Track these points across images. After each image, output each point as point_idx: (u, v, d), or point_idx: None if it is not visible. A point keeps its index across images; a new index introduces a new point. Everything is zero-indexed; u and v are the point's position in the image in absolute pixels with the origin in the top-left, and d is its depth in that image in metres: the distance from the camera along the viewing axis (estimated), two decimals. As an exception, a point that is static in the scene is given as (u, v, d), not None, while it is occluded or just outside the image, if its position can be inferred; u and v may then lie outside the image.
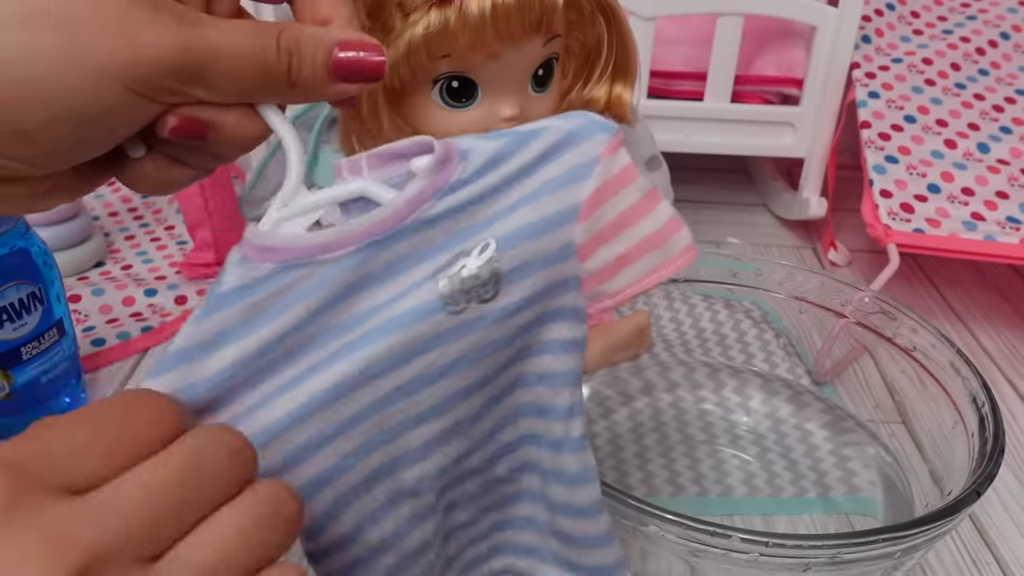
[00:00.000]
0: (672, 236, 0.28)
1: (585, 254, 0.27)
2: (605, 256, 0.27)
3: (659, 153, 0.64)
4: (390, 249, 0.25)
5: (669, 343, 0.55)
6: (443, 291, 0.26)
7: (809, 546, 0.30)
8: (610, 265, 0.27)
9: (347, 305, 0.25)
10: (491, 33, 0.44)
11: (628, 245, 0.27)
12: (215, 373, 0.24)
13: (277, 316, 0.24)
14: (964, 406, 0.39)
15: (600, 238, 0.27)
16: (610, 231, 0.27)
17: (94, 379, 0.54)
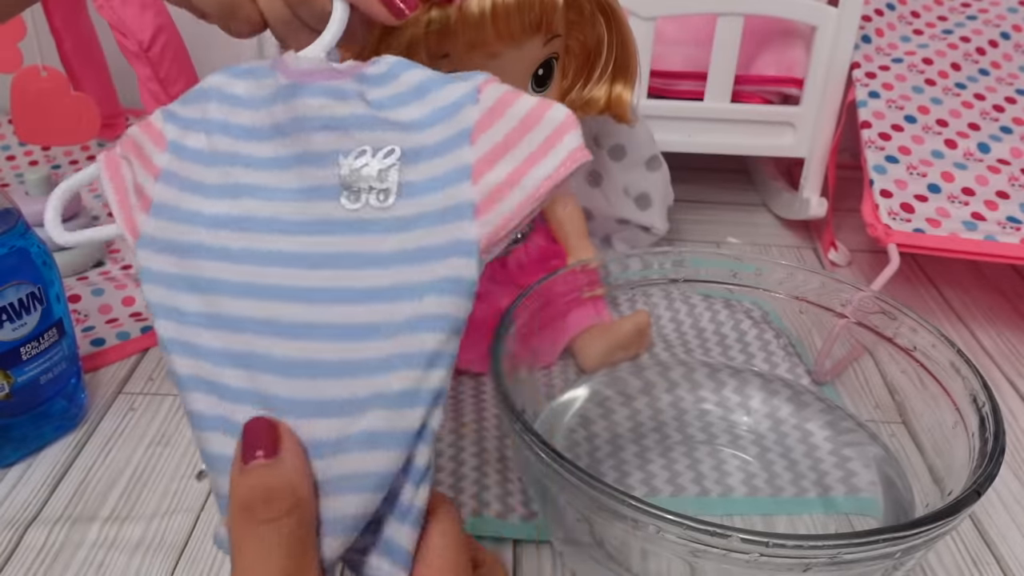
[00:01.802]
0: (562, 138, 0.27)
1: (478, 175, 0.27)
2: (497, 175, 0.27)
3: (659, 153, 0.65)
4: (299, 98, 0.28)
5: (669, 343, 0.55)
6: (344, 177, 0.28)
7: (809, 546, 0.30)
8: (503, 182, 0.27)
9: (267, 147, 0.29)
10: (491, 32, 0.44)
11: (519, 161, 0.27)
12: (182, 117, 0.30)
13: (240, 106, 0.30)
14: (964, 406, 0.39)
15: (491, 157, 0.27)
16: (500, 149, 0.27)
17: (94, 379, 0.54)
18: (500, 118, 0.28)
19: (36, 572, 0.41)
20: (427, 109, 0.28)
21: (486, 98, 0.28)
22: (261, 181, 0.29)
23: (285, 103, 0.29)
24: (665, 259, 0.51)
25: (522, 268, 0.56)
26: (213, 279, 0.28)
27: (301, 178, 0.28)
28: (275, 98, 0.29)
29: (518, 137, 0.27)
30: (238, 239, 0.28)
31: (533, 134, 0.27)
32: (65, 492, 0.45)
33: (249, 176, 0.29)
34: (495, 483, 0.45)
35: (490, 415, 0.51)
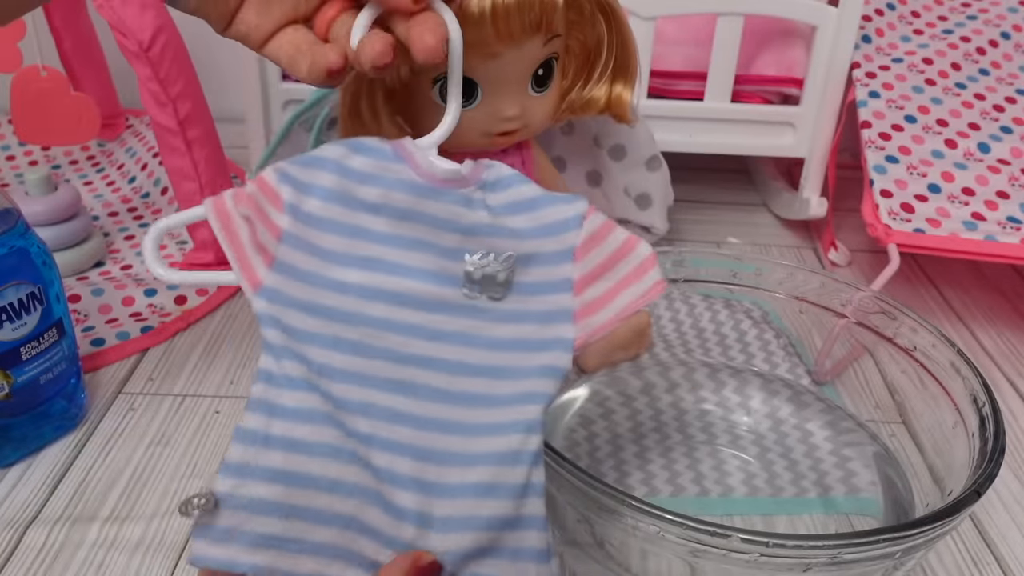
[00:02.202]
0: (647, 272, 0.34)
1: (579, 289, 0.34)
2: (594, 292, 0.34)
3: (659, 153, 0.64)
4: (433, 199, 0.33)
5: (669, 343, 0.55)
6: (467, 271, 0.33)
7: (809, 546, 0.30)
8: (598, 299, 0.34)
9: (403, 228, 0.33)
10: (491, 32, 0.44)
11: (612, 283, 0.34)
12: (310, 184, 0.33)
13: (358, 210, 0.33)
14: (964, 406, 0.39)
15: (591, 277, 0.34)
16: (598, 271, 0.34)
17: (94, 379, 0.54)
18: (599, 245, 0.34)
19: (36, 572, 0.41)
20: (537, 222, 0.33)
21: (589, 225, 0.34)
22: (387, 256, 0.33)
23: (417, 197, 0.33)
24: (665, 259, 0.51)
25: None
26: (336, 337, 0.32)
27: (428, 263, 0.33)
28: (404, 187, 0.33)
29: (612, 264, 0.34)
30: (364, 306, 0.32)
31: (624, 263, 0.34)
32: (65, 492, 0.45)
33: (374, 250, 0.33)
34: (495, 483, 0.45)
35: (490, 415, 0.51)
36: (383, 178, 0.33)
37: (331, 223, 0.33)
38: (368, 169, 0.33)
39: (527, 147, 0.55)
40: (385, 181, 0.33)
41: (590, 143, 0.64)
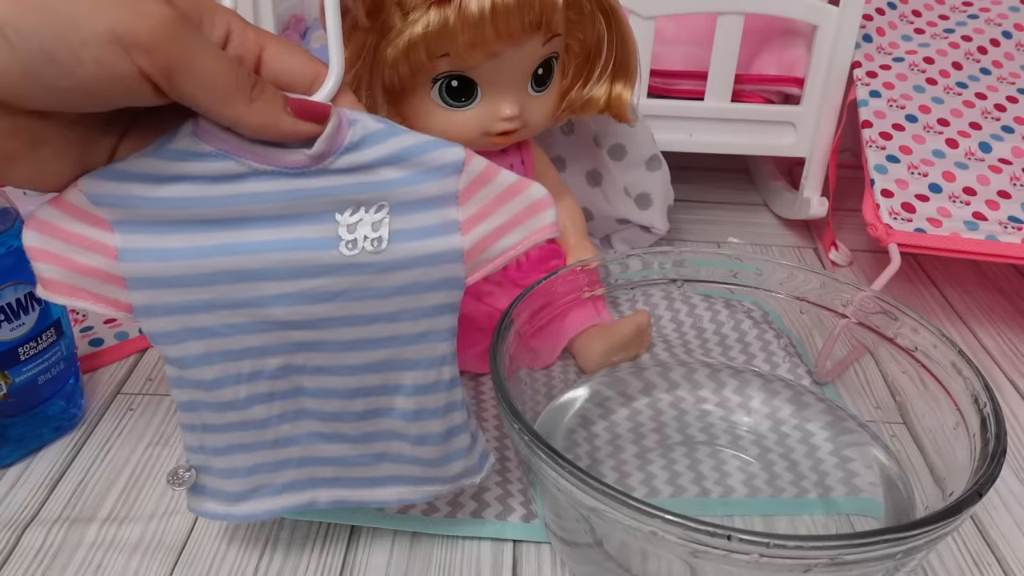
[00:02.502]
0: (540, 212, 0.35)
1: (467, 229, 0.34)
2: (483, 230, 0.34)
3: (659, 153, 0.64)
4: (296, 182, 0.33)
5: (669, 343, 0.55)
6: (340, 232, 0.33)
7: (810, 547, 0.29)
8: (488, 236, 0.34)
9: (252, 209, 0.33)
10: (491, 32, 0.44)
11: (502, 220, 0.35)
12: (127, 196, 0.32)
13: (192, 183, 0.32)
14: (966, 406, 0.39)
15: (478, 217, 0.34)
16: (486, 210, 0.34)
17: (92, 379, 0.54)
18: (485, 186, 0.34)
19: (34, 573, 0.40)
20: (415, 170, 0.33)
21: (472, 168, 0.34)
22: (251, 238, 0.33)
23: (270, 181, 0.33)
24: (665, 259, 0.51)
25: (522, 268, 0.56)
26: (225, 324, 0.34)
27: (299, 232, 0.33)
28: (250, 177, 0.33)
29: (501, 203, 0.34)
30: (241, 289, 0.34)
31: (515, 202, 0.35)
32: (63, 492, 0.45)
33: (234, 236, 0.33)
34: (495, 483, 0.45)
35: (490, 415, 0.51)
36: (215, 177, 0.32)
37: (170, 225, 0.33)
38: (195, 171, 0.32)
39: (527, 147, 0.55)
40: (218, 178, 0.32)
41: (590, 143, 0.63)
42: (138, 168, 0.32)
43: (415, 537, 0.43)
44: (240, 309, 0.34)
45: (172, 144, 0.32)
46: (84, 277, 0.33)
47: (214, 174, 0.32)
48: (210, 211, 0.33)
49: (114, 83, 0.27)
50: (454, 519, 0.43)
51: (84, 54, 0.26)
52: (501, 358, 0.40)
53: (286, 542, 0.42)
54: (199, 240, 0.33)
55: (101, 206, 0.32)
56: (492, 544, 0.43)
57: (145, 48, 0.27)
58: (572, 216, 0.58)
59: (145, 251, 0.33)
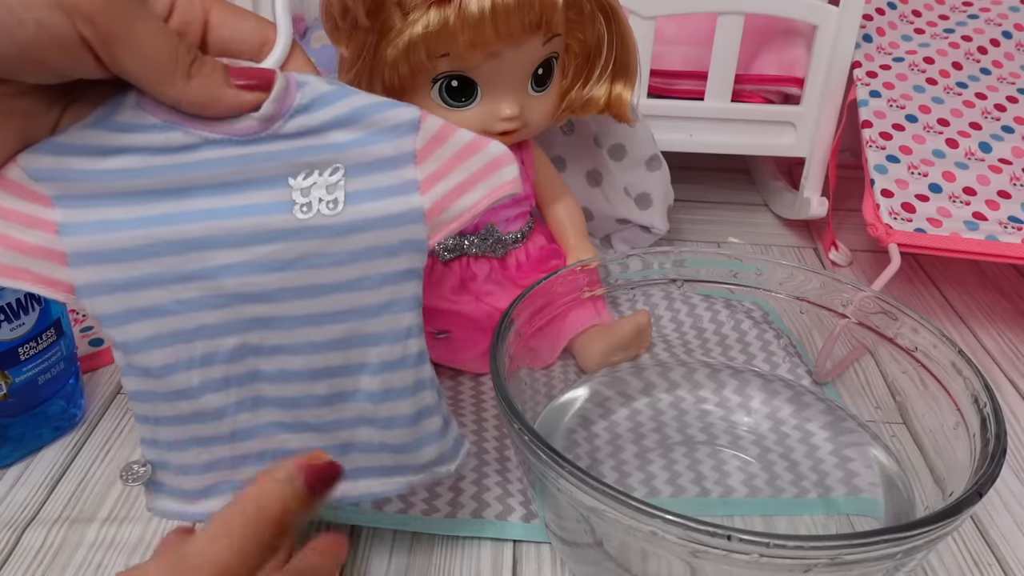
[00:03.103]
0: (500, 168, 0.33)
1: (426, 188, 0.33)
2: (443, 188, 0.33)
3: (659, 152, 0.64)
4: (246, 148, 0.31)
5: (669, 343, 0.55)
6: (294, 196, 0.32)
7: (810, 547, 0.29)
8: (448, 194, 0.33)
9: (200, 177, 0.31)
10: (491, 32, 0.44)
11: (461, 178, 0.33)
12: (68, 170, 0.30)
13: (137, 155, 0.31)
14: (966, 406, 0.39)
15: (437, 175, 0.33)
16: (445, 168, 0.33)
17: (92, 379, 0.54)
18: (442, 145, 0.33)
19: (34, 573, 0.40)
20: (368, 130, 0.32)
21: (427, 127, 0.33)
22: (198, 206, 0.32)
23: (219, 150, 0.31)
24: (665, 259, 0.51)
25: (522, 268, 0.56)
26: (177, 300, 0.32)
27: (250, 199, 0.32)
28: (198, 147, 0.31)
29: (460, 161, 0.33)
30: (190, 260, 0.32)
31: (474, 159, 0.33)
32: (63, 493, 0.45)
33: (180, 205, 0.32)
34: (495, 483, 0.45)
35: (490, 415, 0.51)
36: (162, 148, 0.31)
37: (114, 197, 0.31)
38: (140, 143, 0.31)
39: (527, 147, 0.55)
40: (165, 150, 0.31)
41: (590, 143, 0.63)
42: (79, 141, 0.30)
43: (415, 537, 0.43)
44: (189, 282, 0.32)
45: (115, 116, 0.31)
46: (23, 256, 0.31)
47: (160, 145, 0.31)
48: (154, 181, 0.31)
49: (55, 47, 0.26)
50: (454, 519, 0.43)
51: (25, 15, 0.26)
52: (501, 358, 0.40)
53: (286, 542, 0.42)
54: (143, 211, 0.31)
55: (40, 181, 0.31)
56: (492, 544, 0.43)
57: (86, 15, 0.26)
58: (572, 216, 0.58)
59: (86, 224, 0.31)
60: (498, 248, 0.55)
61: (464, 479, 0.45)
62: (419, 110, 0.33)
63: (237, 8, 0.31)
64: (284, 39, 0.32)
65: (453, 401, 0.52)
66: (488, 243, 0.54)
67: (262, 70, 0.31)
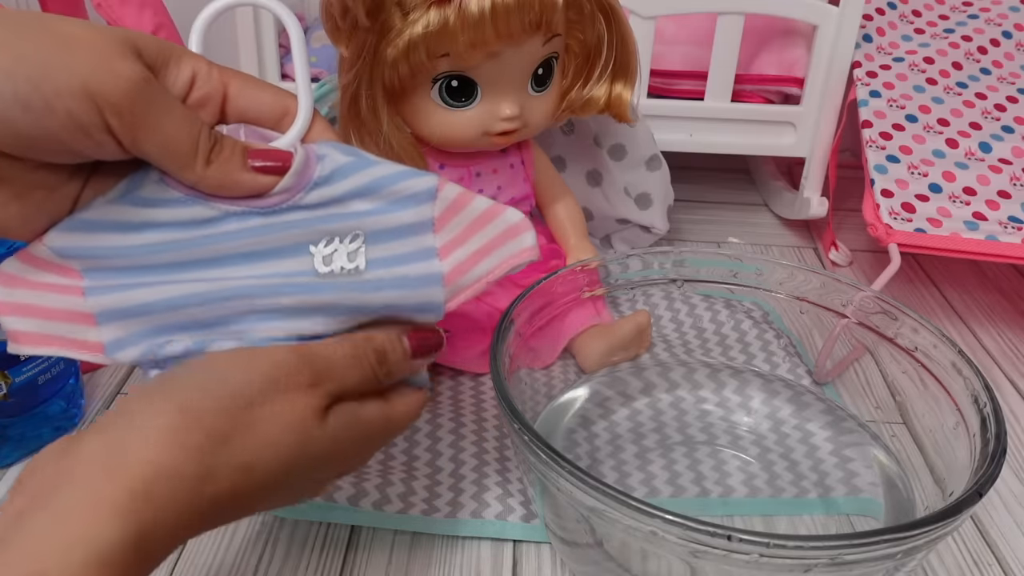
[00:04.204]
0: (518, 235, 0.34)
1: (445, 254, 0.34)
2: (461, 255, 0.34)
3: (659, 153, 0.64)
4: (268, 219, 0.32)
5: (669, 343, 0.55)
6: (316, 264, 0.33)
7: (810, 547, 0.29)
8: (466, 261, 0.34)
9: (224, 248, 0.32)
10: (491, 32, 0.44)
11: (479, 245, 0.34)
12: (95, 247, 0.31)
13: (163, 231, 0.32)
14: (966, 406, 0.39)
15: (456, 242, 0.34)
16: (463, 236, 0.34)
17: (92, 380, 0.54)
18: (459, 213, 0.34)
19: (34, 573, 0.40)
20: (386, 200, 0.33)
21: (445, 195, 0.33)
22: (223, 275, 0.32)
23: (242, 221, 0.32)
24: (665, 259, 0.51)
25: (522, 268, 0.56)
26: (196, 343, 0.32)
27: (274, 268, 0.32)
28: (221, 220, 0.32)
29: (478, 228, 0.34)
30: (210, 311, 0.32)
31: (492, 226, 0.34)
32: (63, 492, 0.45)
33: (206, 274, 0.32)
34: (495, 483, 0.45)
35: (490, 415, 0.51)
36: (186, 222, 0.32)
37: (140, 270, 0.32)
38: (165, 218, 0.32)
39: (527, 147, 0.55)
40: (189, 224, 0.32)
41: (590, 143, 0.63)
42: (105, 217, 0.31)
43: (415, 537, 0.43)
44: (212, 328, 0.32)
45: (139, 191, 0.31)
46: (54, 323, 0.32)
47: (184, 220, 0.32)
48: (182, 254, 0.32)
49: (82, 136, 0.27)
50: (454, 519, 0.43)
51: (57, 104, 0.26)
52: (501, 358, 0.40)
53: (286, 542, 0.42)
54: (169, 277, 0.32)
55: (68, 259, 0.31)
56: (492, 544, 0.43)
57: (116, 108, 0.27)
58: (572, 216, 0.58)
59: (113, 286, 0.32)
60: (498, 248, 0.55)
61: (464, 479, 0.45)
62: (437, 178, 0.34)
63: (256, 80, 0.32)
64: (305, 111, 0.33)
65: (453, 401, 0.52)
66: (488, 243, 0.54)
67: (279, 152, 0.32)
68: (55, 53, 0.26)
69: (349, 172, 0.33)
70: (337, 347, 0.31)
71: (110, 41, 0.27)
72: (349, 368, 0.31)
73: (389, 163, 0.33)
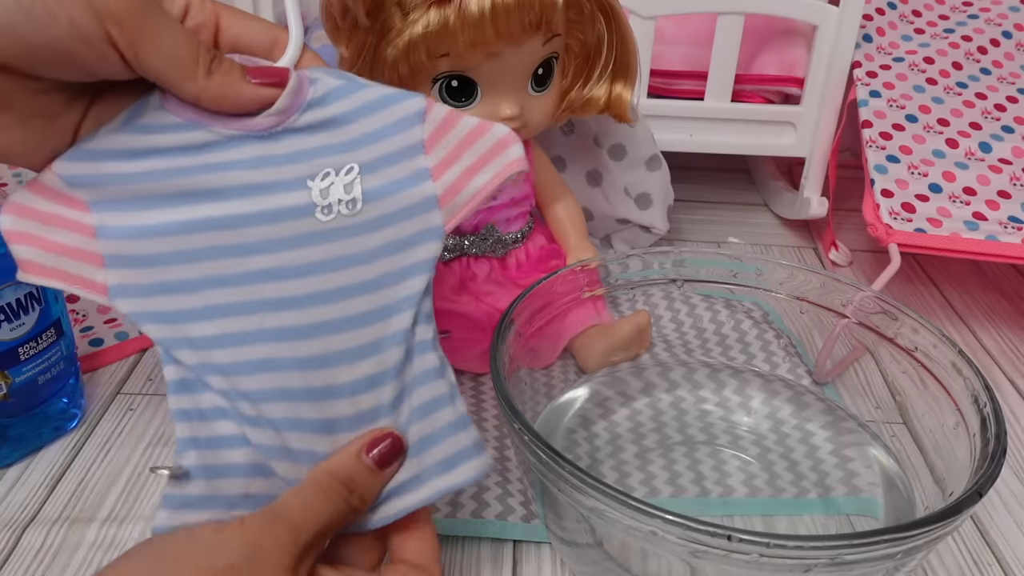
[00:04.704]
0: (505, 149, 0.35)
1: (437, 175, 0.34)
2: (454, 173, 0.34)
3: (659, 152, 0.64)
4: (264, 146, 0.33)
5: (669, 343, 0.55)
6: (314, 198, 0.33)
7: (810, 547, 0.29)
8: (459, 178, 0.34)
9: (225, 179, 0.32)
10: (491, 32, 0.44)
11: (470, 161, 0.35)
12: (101, 175, 0.32)
13: (165, 156, 0.32)
14: (966, 406, 0.39)
15: (447, 161, 0.34)
16: (454, 154, 0.34)
17: (92, 379, 0.54)
18: (448, 132, 0.34)
19: (34, 573, 0.40)
20: (379, 124, 0.34)
21: (434, 116, 0.34)
22: (227, 211, 0.32)
23: (240, 148, 0.32)
24: (665, 259, 0.51)
25: (522, 268, 0.56)
26: (207, 306, 0.32)
27: (272, 202, 0.33)
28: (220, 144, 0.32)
29: (467, 145, 0.35)
30: (222, 266, 0.32)
31: (480, 143, 0.35)
32: (63, 493, 0.45)
33: (209, 209, 0.32)
34: (495, 483, 0.45)
35: (490, 415, 0.51)
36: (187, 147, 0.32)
37: (147, 200, 0.32)
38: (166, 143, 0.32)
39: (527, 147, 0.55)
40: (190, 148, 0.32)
41: (590, 143, 0.63)
42: (109, 145, 0.32)
43: (415, 537, 0.43)
44: (219, 288, 0.33)
45: (140, 118, 0.32)
46: (61, 257, 0.32)
47: (185, 144, 0.32)
48: (185, 182, 0.32)
49: (85, 45, 0.28)
50: (454, 519, 0.43)
51: (59, 12, 0.27)
52: (501, 358, 0.40)
53: (286, 542, 0.42)
54: (177, 215, 0.32)
55: (76, 187, 0.32)
56: (492, 544, 0.43)
57: (116, 18, 0.28)
58: (572, 216, 0.58)
59: (122, 228, 0.32)
60: (498, 248, 0.55)
61: (464, 479, 0.45)
62: (424, 99, 0.34)
63: (245, 12, 0.33)
64: (295, 39, 0.33)
65: (453, 401, 0.52)
66: (488, 243, 0.54)
67: (276, 68, 0.32)
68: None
69: (341, 94, 0.33)
70: (303, 490, 0.31)
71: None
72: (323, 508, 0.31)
73: (379, 85, 0.34)
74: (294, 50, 0.33)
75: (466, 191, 0.34)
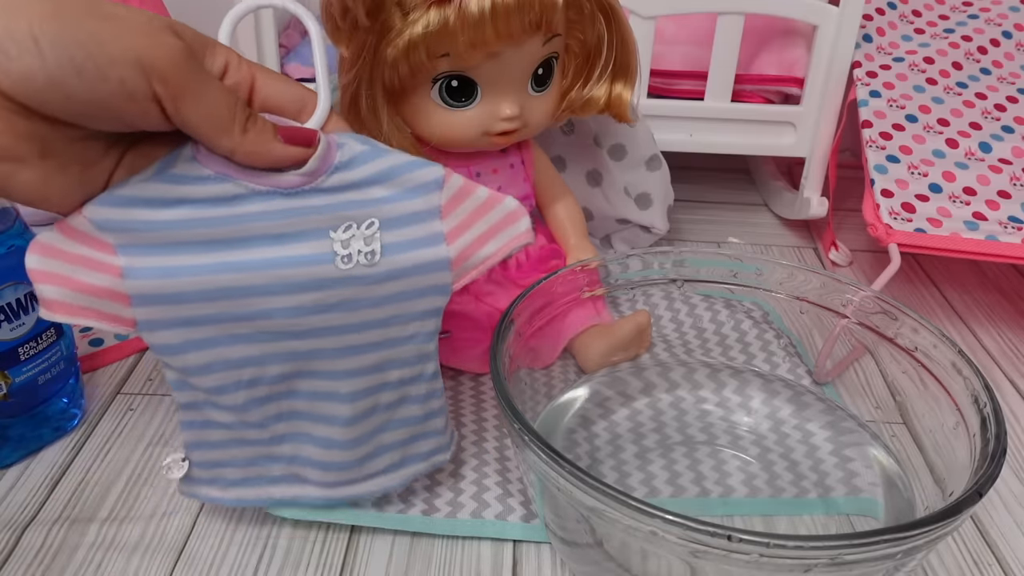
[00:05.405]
0: (515, 221, 0.38)
1: (452, 239, 0.38)
2: (467, 239, 0.38)
3: (659, 152, 0.64)
4: (291, 201, 0.35)
5: (669, 343, 0.55)
6: (335, 247, 0.36)
7: (810, 547, 0.29)
8: (471, 245, 0.38)
9: (250, 229, 0.35)
10: (491, 32, 0.44)
11: (482, 230, 0.38)
12: (131, 220, 0.33)
13: (195, 207, 0.34)
14: (966, 406, 0.39)
15: (461, 228, 0.38)
16: (467, 222, 0.38)
17: (92, 379, 0.54)
18: (464, 201, 0.38)
19: (34, 573, 0.40)
20: (400, 188, 0.36)
21: (451, 185, 0.37)
22: (253, 256, 0.35)
23: (268, 202, 0.35)
24: (665, 259, 0.51)
25: (522, 268, 0.56)
26: (231, 335, 0.36)
27: (297, 250, 0.35)
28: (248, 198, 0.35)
29: (480, 215, 0.38)
30: (245, 304, 0.35)
31: (492, 214, 0.38)
32: (63, 493, 0.45)
33: (236, 255, 0.35)
34: (495, 483, 0.45)
35: (490, 415, 0.51)
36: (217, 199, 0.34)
37: (175, 246, 0.34)
38: (197, 194, 0.34)
39: (527, 147, 0.55)
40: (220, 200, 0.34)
41: (590, 143, 0.63)
42: (140, 193, 0.33)
43: (415, 537, 0.43)
44: (241, 322, 0.36)
45: (172, 168, 0.34)
46: (87, 296, 0.34)
47: (214, 196, 0.34)
48: (212, 231, 0.34)
49: (130, 102, 0.29)
50: (454, 519, 0.43)
51: (110, 72, 0.29)
52: (501, 358, 0.40)
53: (286, 542, 0.42)
54: (202, 259, 0.34)
55: (105, 231, 0.33)
56: (492, 544, 0.43)
57: (162, 75, 0.29)
58: (572, 216, 0.58)
59: (149, 270, 0.34)
60: (498, 248, 0.55)
61: (464, 479, 0.45)
62: (443, 169, 0.37)
63: (278, 74, 0.35)
64: (324, 103, 0.36)
65: (453, 401, 0.52)
66: (488, 243, 0.54)
67: (306, 129, 0.35)
68: (106, 27, 0.29)
69: (366, 159, 0.36)
70: None
71: (154, 20, 0.30)
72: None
73: (399, 152, 0.37)
74: (322, 112, 0.36)
75: (476, 257, 0.38)
